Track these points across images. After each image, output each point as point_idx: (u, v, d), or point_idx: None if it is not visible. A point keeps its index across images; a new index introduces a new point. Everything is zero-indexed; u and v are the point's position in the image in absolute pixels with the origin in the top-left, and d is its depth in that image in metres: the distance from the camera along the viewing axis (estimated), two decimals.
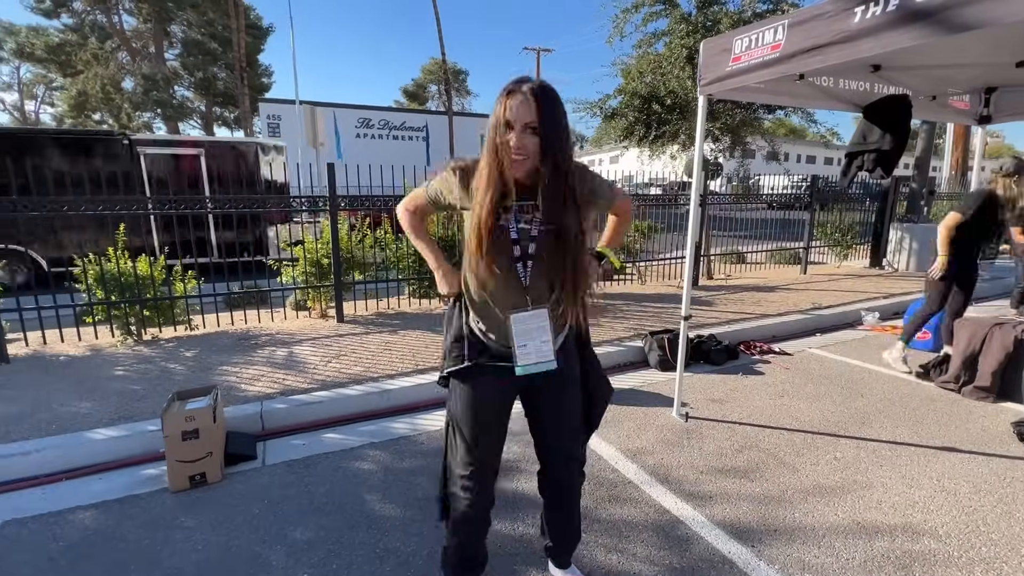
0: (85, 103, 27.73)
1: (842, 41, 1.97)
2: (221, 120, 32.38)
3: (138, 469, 2.54)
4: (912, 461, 2.58)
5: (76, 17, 27.18)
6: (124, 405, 3.02)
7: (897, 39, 1.80)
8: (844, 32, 1.95)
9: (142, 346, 4.15)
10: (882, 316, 5.44)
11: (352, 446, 2.76)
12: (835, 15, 1.98)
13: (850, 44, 1.94)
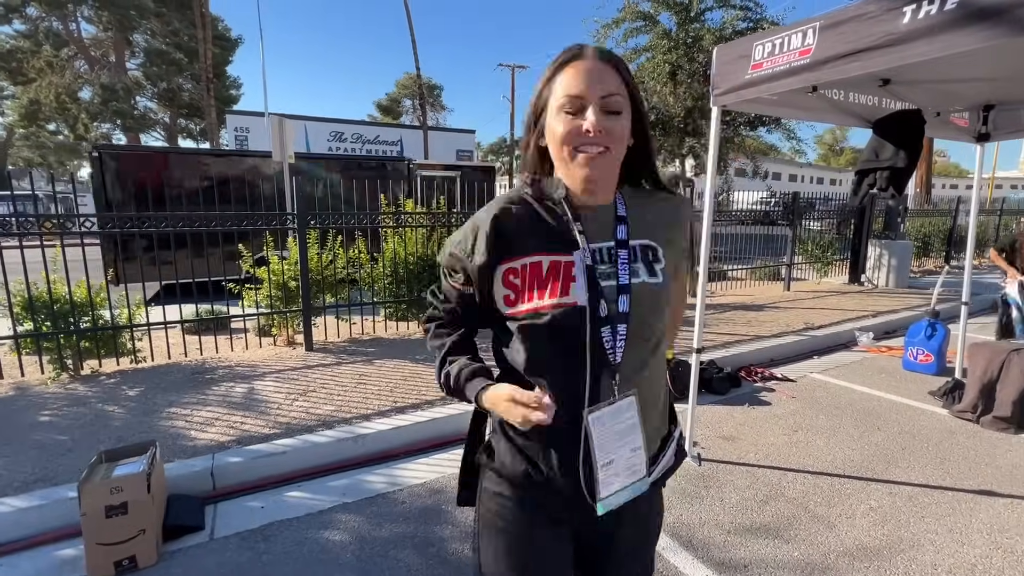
0: (38, 112, 26.35)
1: (888, 44, 1.74)
2: (186, 132, 31.30)
3: (53, 549, 2.07)
4: (954, 510, 2.33)
5: (30, 23, 25.94)
6: (44, 463, 2.53)
7: (957, 41, 1.58)
8: (891, 34, 1.72)
9: (77, 383, 3.62)
10: (875, 335, 5.31)
11: (320, 508, 2.34)
12: (878, 16, 1.76)
13: (898, 48, 1.71)
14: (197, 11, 20.52)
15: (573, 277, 0.83)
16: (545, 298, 0.83)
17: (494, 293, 0.88)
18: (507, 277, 0.86)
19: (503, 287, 0.86)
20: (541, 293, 0.84)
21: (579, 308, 0.82)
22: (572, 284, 0.83)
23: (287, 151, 5.95)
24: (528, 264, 0.85)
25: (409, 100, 39.32)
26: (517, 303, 0.85)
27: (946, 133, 3.83)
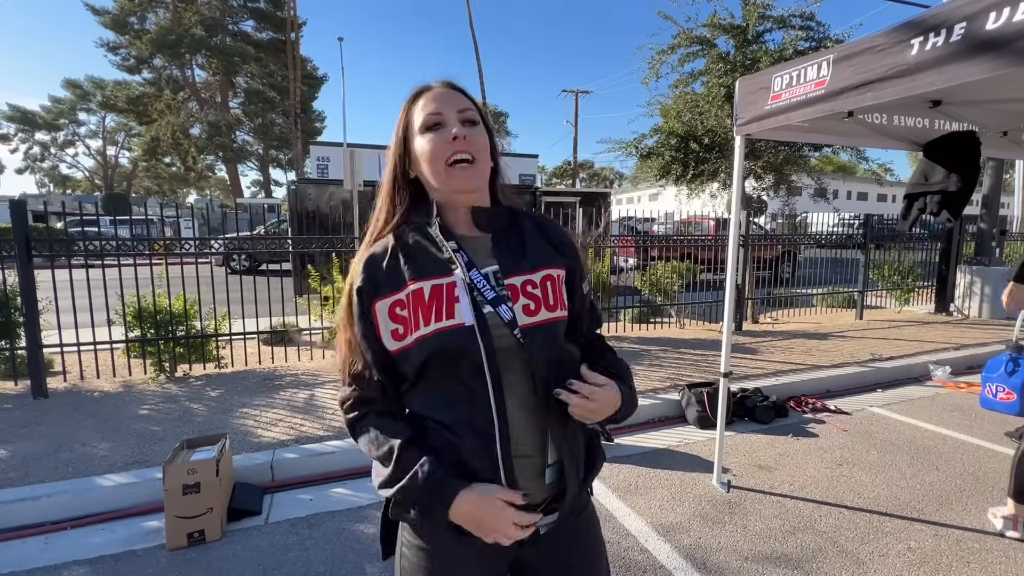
0: (156, 148, 30.25)
1: (897, 76, 1.76)
2: (275, 162, 34.53)
3: (142, 520, 2.45)
4: (1007, 558, 2.16)
5: (155, 72, 30.07)
6: (141, 448, 2.99)
7: (964, 72, 1.58)
8: (900, 66, 1.75)
9: (172, 384, 4.19)
10: (954, 370, 4.88)
11: (360, 504, 2.59)
12: (888, 48, 1.79)
13: (907, 79, 1.73)
14: (289, 54, 22.86)
15: (457, 298, 0.82)
16: (431, 322, 0.81)
17: (381, 334, 0.84)
18: (393, 310, 0.83)
19: (391, 322, 0.83)
20: (427, 319, 0.81)
21: (467, 328, 0.81)
22: (456, 305, 0.82)
23: (357, 179, 6.54)
24: (410, 293, 0.82)
25: None
26: (405, 335, 0.82)
27: (1018, 153, 3.57)
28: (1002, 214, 8.68)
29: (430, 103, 0.86)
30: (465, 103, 0.88)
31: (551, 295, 0.89)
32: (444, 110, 0.86)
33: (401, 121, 0.90)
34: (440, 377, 0.84)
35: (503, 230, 0.91)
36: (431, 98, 0.87)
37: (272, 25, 29.58)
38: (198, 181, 39.70)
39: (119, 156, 41.01)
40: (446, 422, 0.84)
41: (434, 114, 0.86)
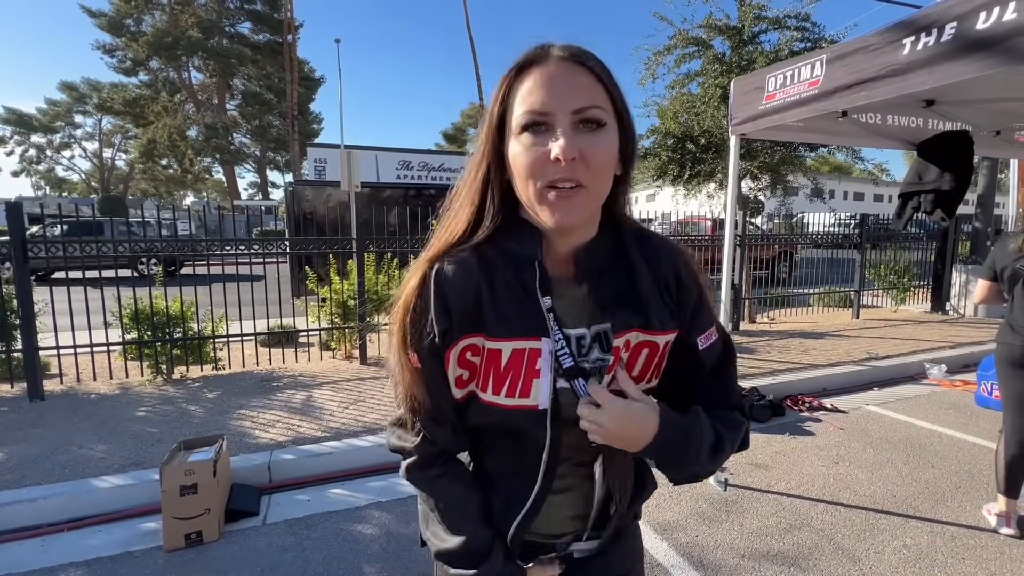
0: (153, 150, 30.21)
1: (890, 75, 1.78)
2: (273, 164, 34.48)
3: (139, 522, 2.45)
4: (1002, 554, 2.17)
5: (152, 74, 30.04)
6: (138, 450, 2.98)
7: (956, 71, 1.60)
8: (892, 65, 1.76)
9: (169, 385, 4.18)
10: (950, 368, 4.90)
11: (358, 505, 2.59)
12: (880, 48, 1.80)
13: (899, 78, 1.75)
14: (287, 56, 22.85)
15: (538, 372, 0.67)
16: (501, 394, 0.68)
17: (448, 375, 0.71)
18: (464, 355, 0.68)
19: (458, 367, 0.69)
20: (497, 387, 0.68)
21: (539, 411, 0.68)
22: (535, 381, 0.68)
23: (354, 180, 6.53)
24: (487, 349, 0.68)
25: (474, 129, 41.00)
26: (467, 385, 0.71)
27: (1014, 152, 3.60)
28: (997, 213, 8.73)
29: (537, 90, 0.60)
30: (589, 94, 0.60)
31: (639, 364, 0.73)
32: (553, 108, 0.60)
33: (497, 99, 0.64)
34: (494, 436, 0.75)
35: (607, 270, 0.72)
36: (541, 80, 0.60)
37: (269, 27, 29.59)
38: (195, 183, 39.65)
39: (116, 158, 40.93)
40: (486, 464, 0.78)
41: (538, 113, 0.60)
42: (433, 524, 0.78)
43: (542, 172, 0.61)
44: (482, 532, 0.74)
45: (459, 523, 0.74)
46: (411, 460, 0.76)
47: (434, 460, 0.75)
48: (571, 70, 0.60)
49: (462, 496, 0.75)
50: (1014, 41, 1.45)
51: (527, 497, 0.73)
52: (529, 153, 0.61)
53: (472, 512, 0.75)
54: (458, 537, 0.74)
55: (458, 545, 0.74)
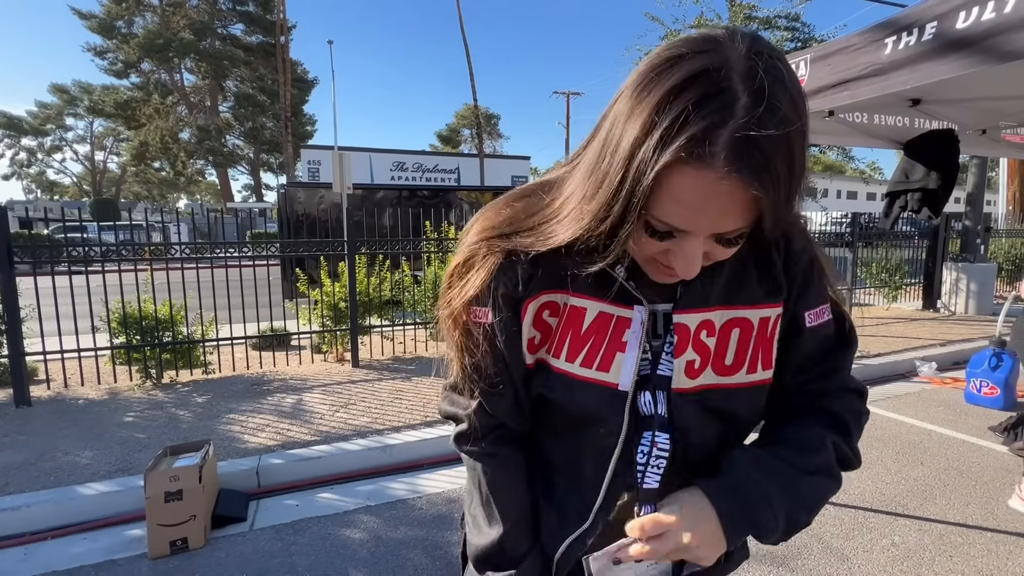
0: (145, 153, 30.03)
1: (872, 75, 1.78)
2: (266, 166, 34.34)
3: (124, 529, 2.42)
4: (989, 552, 2.18)
5: (143, 76, 29.86)
6: (125, 456, 2.95)
7: (937, 70, 1.61)
8: (874, 65, 1.77)
9: (158, 390, 4.14)
10: (940, 366, 4.93)
11: (346, 509, 2.57)
12: (863, 47, 1.81)
13: (882, 77, 1.75)
14: (279, 58, 22.77)
15: (623, 344, 0.59)
16: (576, 363, 0.60)
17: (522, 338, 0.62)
18: (541, 313, 0.61)
19: (532, 327, 0.61)
20: (574, 353, 0.60)
21: (618, 394, 0.59)
22: (619, 355, 0.59)
23: (346, 182, 6.51)
24: (568, 307, 0.60)
25: (468, 129, 41.03)
26: (540, 350, 0.62)
27: (999, 151, 3.62)
28: (986, 211, 8.79)
29: (684, 208, 0.46)
30: (743, 217, 0.47)
31: (732, 349, 0.61)
32: (694, 229, 0.48)
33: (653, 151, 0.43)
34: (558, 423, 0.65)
35: None
36: (694, 198, 0.45)
37: (261, 28, 29.47)
38: (188, 186, 39.46)
39: (107, 161, 40.67)
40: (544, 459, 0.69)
41: (675, 228, 0.48)
42: (474, 505, 0.70)
43: (652, 261, 0.54)
44: (521, 533, 0.66)
45: (500, 511, 0.66)
46: (462, 428, 0.68)
47: (488, 432, 0.66)
48: (735, 190, 0.43)
49: (510, 484, 0.67)
50: (992, 40, 1.46)
51: (588, 512, 0.63)
52: (647, 245, 0.51)
53: (516, 506, 0.67)
54: (493, 530, 0.66)
55: (492, 541, 0.66)
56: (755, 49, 0.44)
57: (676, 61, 0.44)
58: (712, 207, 0.45)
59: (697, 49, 0.44)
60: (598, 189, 0.50)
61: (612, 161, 0.47)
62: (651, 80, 0.45)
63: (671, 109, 0.42)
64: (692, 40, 0.46)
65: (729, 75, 0.42)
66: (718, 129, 0.42)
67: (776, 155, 0.43)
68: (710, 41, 0.44)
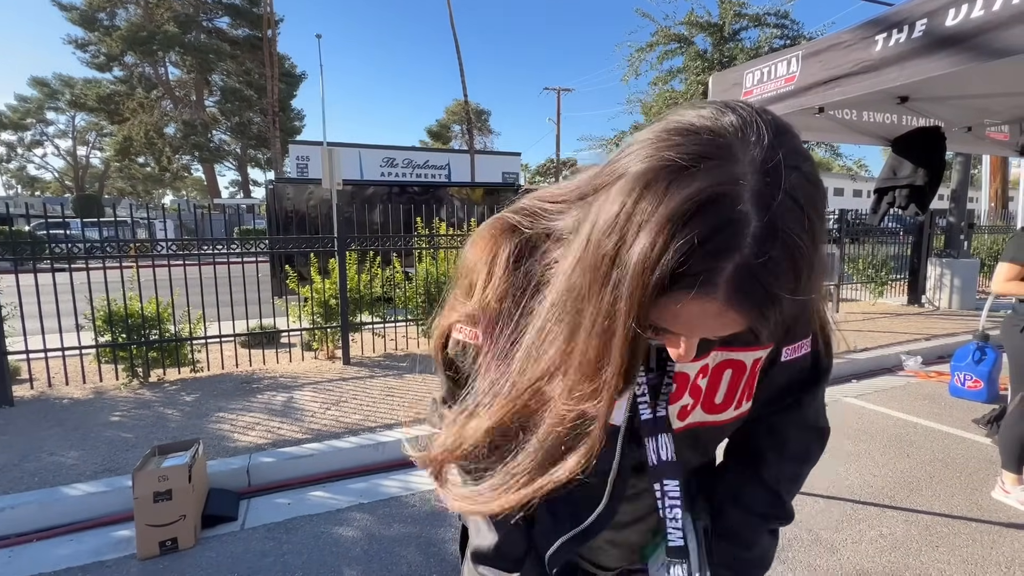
0: (129, 148, 29.49)
1: (863, 71, 1.80)
2: (254, 162, 33.93)
3: (112, 530, 2.38)
4: (973, 541, 2.22)
5: (127, 70, 29.30)
6: (111, 456, 2.91)
7: (926, 67, 1.62)
8: (864, 62, 1.78)
9: (145, 389, 4.08)
10: (925, 360, 5.01)
11: (338, 507, 2.55)
12: (853, 44, 1.82)
13: (872, 74, 1.77)
14: (266, 52, 22.47)
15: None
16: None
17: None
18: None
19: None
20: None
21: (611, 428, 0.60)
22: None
23: (335, 178, 6.44)
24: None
25: (458, 125, 40.84)
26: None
27: (984, 148, 3.68)
28: (969, 208, 8.94)
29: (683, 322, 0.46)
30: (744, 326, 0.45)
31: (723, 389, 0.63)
32: (695, 335, 0.49)
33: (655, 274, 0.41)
34: None
35: None
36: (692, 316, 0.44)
37: (248, 22, 29.04)
38: (174, 182, 38.87)
39: (90, 156, 39.90)
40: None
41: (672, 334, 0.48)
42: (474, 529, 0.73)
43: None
44: (518, 536, 0.69)
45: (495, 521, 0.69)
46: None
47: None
48: (731, 317, 0.44)
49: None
50: (981, 38, 1.48)
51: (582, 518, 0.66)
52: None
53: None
54: (492, 533, 0.69)
55: (491, 545, 0.69)
56: (772, 159, 0.40)
57: (682, 175, 0.40)
58: (711, 325, 0.45)
59: (707, 156, 0.40)
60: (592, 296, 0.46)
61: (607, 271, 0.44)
62: (656, 188, 0.41)
63: (677, 238, 0.40)
64: (697, 141, 0.41)
65: (739, 198, 0.39)
66: (722, 263, 0.40)
67: (780, 286, 0.41)
68: (721, 147, 0.41)
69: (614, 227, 0.43)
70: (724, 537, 0.72)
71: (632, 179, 0.43)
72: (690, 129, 0.43)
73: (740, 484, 0.72)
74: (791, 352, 0.66)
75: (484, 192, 10.32)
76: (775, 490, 0.71)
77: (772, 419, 0.70)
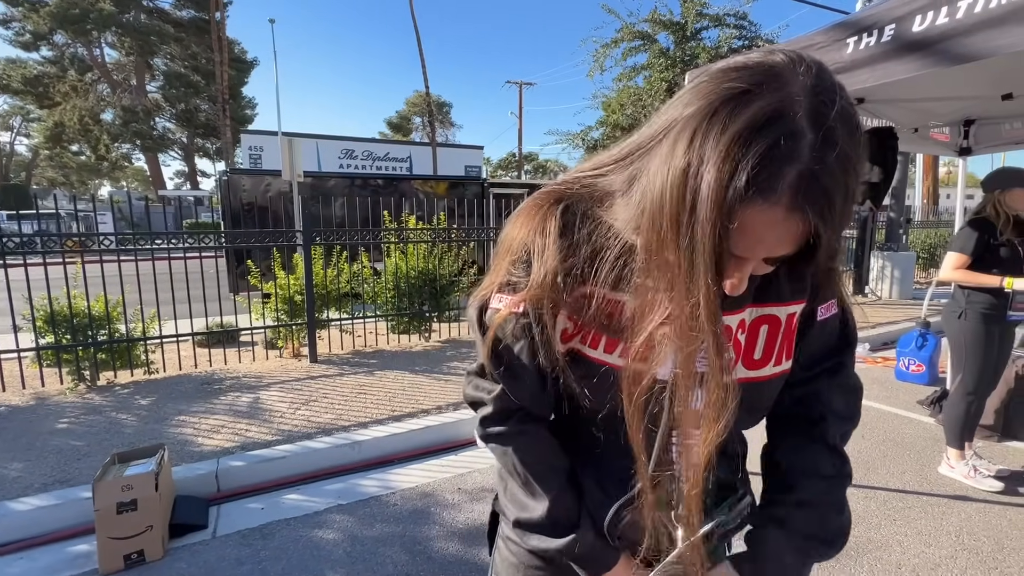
0: (61, 134, 27.36)
1: (835, 72, 1.87)
2: (202, 151, 32.21)
3: (68, 545, 2.22)
4: (926, 513, 2.40)
5: (56, 50, 27.09)
6: (62, 466, 2.71)
7: (894, 70, 1.71)
8: (837, 63, 1.86)
9: (94, 393, 3.82)
10: (872, 347, 5.35)
11: (316, 509, 2.48)
12: (826, 46, 1.90)
13: (844, 76, 1.85)
14: (215, 35, 21.32)
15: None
16: (615, 354, 0.61)
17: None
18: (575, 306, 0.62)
19: (565, 319, 0.63)
20: (612, 344, 0.61)
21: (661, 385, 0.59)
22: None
23: (296, 170, 6.20)
24: (606, 298, 0.59)
25: (419, 117, 40.13)
26: (574, 339, 0.64)
27: (928, 148, 3.94)
28: (908, 204, 9.58)
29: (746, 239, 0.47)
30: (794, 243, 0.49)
31: (761, 345, 0.64)
32: (755, 255, 0.51)
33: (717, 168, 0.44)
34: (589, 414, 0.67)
35: None
36: (757, 231, 0.47)
37: (193, 3, 27.38)
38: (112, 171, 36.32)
39: (15, 143, 36.70)
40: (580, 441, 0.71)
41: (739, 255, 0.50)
42: (512, 488, 0.71)
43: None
44: (568, 499, 0.68)
45: (541, 485, 0.68)
46: (486, 411, 0.70)
47: (512, 414, 0.69)
48: (796, 224, 0.46)
49: (546, 457, 0.69)
50: (945, 44, 1.57)
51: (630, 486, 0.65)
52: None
53: (557, 478, 0.68)
54: (540, 504, 0.67)
55: (541, 515, 0.67)
56: (820, 85, 0.45)
57: (741, 100, 0.44)
58: (771, 238, 0.48)
59: (760, 83, 0.44)
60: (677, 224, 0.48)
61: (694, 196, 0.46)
62: (717, 117, 0.45)
63: (746, 152, 0.43)
64: (752, 71, 0.46)
65: (795, 115, 0.43)
66: (785, 168, 0.44)
67: (836, 191, 0.45)
68: (772, 75, 0.45)
69: (683, 163, 0.46)
70: (808, 506, 0.70)
71: (694, 115, 0.47)
72: (743, 65, 0.47)
73: (806, 452, 0.72)
74: (824, 311, 0.68)
75: (449, 185, 10.21)
76: (840, 450, 0.73)
77: (819, 384, 0.72)
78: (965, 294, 2.58)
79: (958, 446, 2.71)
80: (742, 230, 0.46)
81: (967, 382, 2.60)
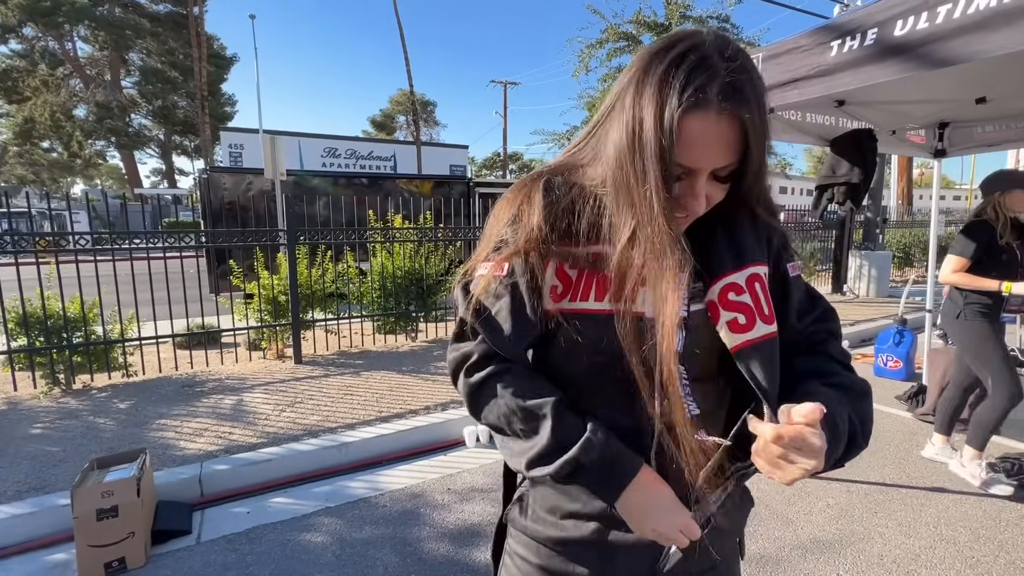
0: (32, 130, 26.50)
1: (819, 75, 1.92)
2: (180, 149, 31.52)
3: (44, 554, 2.15)
4: (905, 505, 2.46)
5: (26, 43, 26.23)
6: (37, 473, 2.62)
7: (876, 73, 1.75)
8: (821, 66, 1.90)
9: (69, 397, 3.70)
10: (850, 344, 5.47)
11: (303, 513, 2.44)
12: (810, 49, 1.94)
13: (828, 78, 1.89)
14: (193, 31, 20.87)
15: (644, 281, 0.63)
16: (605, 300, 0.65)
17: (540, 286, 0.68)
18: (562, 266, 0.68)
19: (554, 277, 0.68)
20: (600, 292, 0.66)
21: (645, 321, 0.64)
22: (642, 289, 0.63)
23: (279, 168, 6.10)
24: (591, 254, 0.66)
25: (403, 116, 39.84)
26: (563, 299, 0.68)
27: (904, 149, 4.04)
28: (884, 205, 9.82)
29: (692, 148, 0.58)
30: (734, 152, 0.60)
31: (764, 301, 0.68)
32: (702, 166, 0.60)
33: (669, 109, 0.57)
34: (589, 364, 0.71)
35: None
36: (699, 138, 0.58)
37: None
38: (86, 169, 35.29)
39: None
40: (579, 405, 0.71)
41: (689, 167, 0.60)
42: (515, 429, 0.70)
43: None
44: (571, 418, 0.67)
45: (540, 409, 0.67)
46: (472, 360, 0.72)
47: (496, 354, 0.71)
48: (728, 126, 0.59)
49: (538, 381, 0.71)
50: (926, 48, 1.61)
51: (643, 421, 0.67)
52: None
53: (553, 393, 0.69)
54: (543, 427, 0.67)
55: (547, 437, 0.66)
56: (720, 34, 0.62)
57: (666, 51, 0.60)
58: (712, 141, 0.59)
59: (678, 39, 0.61)
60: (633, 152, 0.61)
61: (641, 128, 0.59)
62: (652, 65, 0.60)
63: (674, 80, 0.57)
64: (669, 36, 0.63)
65: (707, 50, 0.58)
66: (710, 82, 0.57)
67: (752, 95, 0.59)
68: (684, 34, 0.61)
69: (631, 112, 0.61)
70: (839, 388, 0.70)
71: (632, 77, 0.62)
72: (662, 37, 0.65)
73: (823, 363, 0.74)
74: (794, 269, 0.76)
75: (435, 184, 10.14)
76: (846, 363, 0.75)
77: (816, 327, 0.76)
78: (962, 295, 2.63)
79: (946, 432, 2.79)
80: (685, 142, 0.58)
81: (1000, 391, 2.48)
